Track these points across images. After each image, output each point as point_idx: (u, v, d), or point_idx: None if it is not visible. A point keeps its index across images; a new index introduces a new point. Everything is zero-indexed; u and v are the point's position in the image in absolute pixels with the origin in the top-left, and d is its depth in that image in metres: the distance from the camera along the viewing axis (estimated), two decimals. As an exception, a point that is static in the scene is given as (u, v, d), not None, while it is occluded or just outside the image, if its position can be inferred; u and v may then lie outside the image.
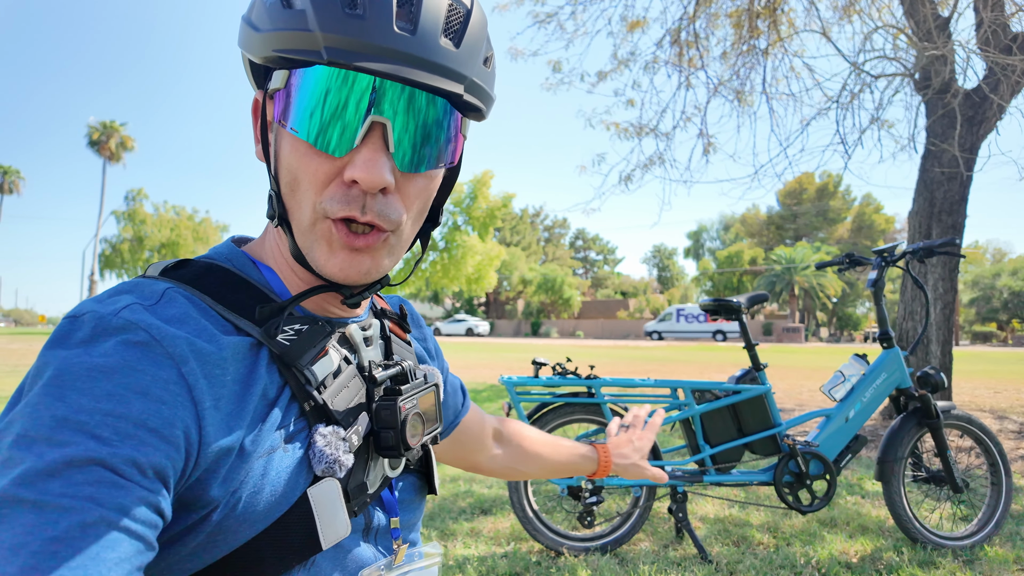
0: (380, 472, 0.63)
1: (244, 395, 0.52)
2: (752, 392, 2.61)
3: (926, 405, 2.61)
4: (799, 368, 13.35)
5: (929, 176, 5.54)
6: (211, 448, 0.48)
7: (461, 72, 0.53)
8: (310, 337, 0.57)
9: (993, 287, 41.50)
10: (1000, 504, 2.69)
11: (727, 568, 2.42)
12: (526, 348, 23.06)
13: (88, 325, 0.48)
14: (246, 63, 0.60)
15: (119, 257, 41.23)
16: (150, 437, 0.44)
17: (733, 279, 51.74)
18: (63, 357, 0.46)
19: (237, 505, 0.51)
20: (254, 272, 0.61)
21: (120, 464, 0.42)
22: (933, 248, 2.67)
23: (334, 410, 0.57)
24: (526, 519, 2.60)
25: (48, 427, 0.42)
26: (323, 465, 0.55)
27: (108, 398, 0.44)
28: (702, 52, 7.07)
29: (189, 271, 0.58)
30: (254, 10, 0.55)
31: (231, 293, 0.57)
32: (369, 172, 0.51)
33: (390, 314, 0.74)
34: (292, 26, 0.50)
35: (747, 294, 2.80)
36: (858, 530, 2.86)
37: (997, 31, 5.12)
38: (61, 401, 0.43)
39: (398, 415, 0.60)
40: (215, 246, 0.65)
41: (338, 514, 0.56)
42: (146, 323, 0.48)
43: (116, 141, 47.85)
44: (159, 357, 0.47)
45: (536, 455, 0.98)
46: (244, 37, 0.56)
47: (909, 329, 5.42)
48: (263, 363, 0.54)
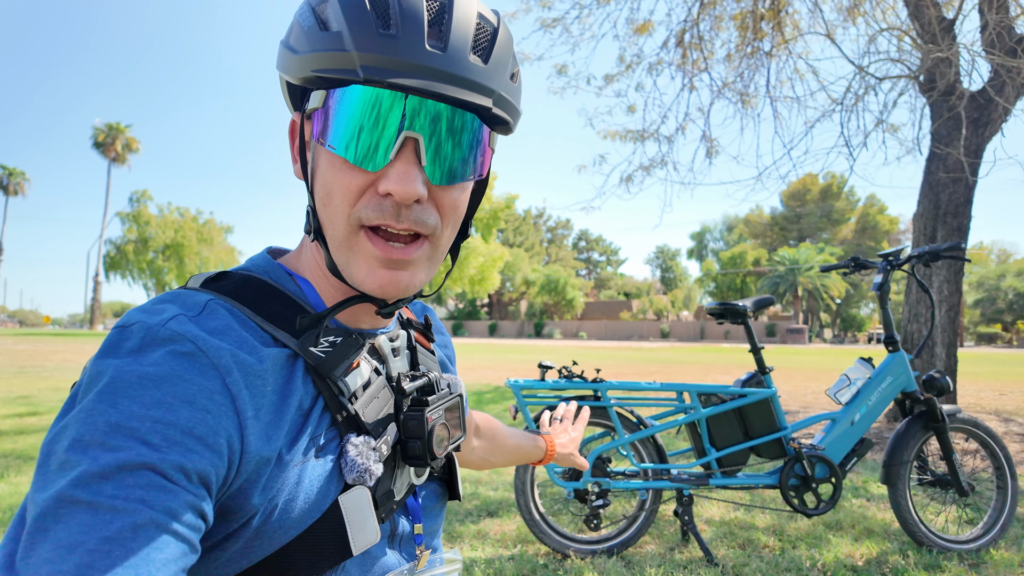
0: (406, 480, 0.65)
1: (282, 406, 0.54)
2: (758, 396, 2.62)
3: (931, 408, 2.62)
4: (803, 369, 13.33)
5: (934, 179, 5.54)
6: (252, 457, 0.50)
7: (490, 87, 0.55)
8: (344, 349, 0.59)
9: (998, 288, 41.33)
10: (1006, 507, 2.70)
11: (733, 571, 2.43)
12: (529, 349, 23.06)
13: (137, 335, 0.50)
14: (283, 85, 0.63)
15: (123, 259, 41.41)
16: (196, 444, 0.46)
17: (736, 280, 51.65)
18: (115, 366, 0.48)
19: (274, 512, 0.53)
20: (290, 284, 0.63)
21: (169, 469, 0.44)
22: (939, 252, 2.68)
23: (365, 420, 0.59)
24: (533, 522, 2.61)
25: (102, 432, 0.44)
26: (354, 474, 0.57)
27: (157, 406, 0.46)
28: (706, 54, 7.07)
29: (228, 283, 0.60)
30: (292, 34, 0.57)
31: (268, 305, 0.59)
32: (403, 184, 0.53)
33: (415, 324, 0.76)
34: (329, 47, 0.53)
35: (753, 298, 2.81)
36: (863, 533, 2.86)
37: (1002, 33, 5.12)
38: (114, 408, 0.45)
39: (425, 425, 0.61)
40: (252, 257, 0.66)
41: (368, 521, 0.57)
42: (192, 334, 0.51)
43: (121, 143, 48.07)
44: (205, 368, 0.49)
45: (504, 446, 1.01)
46: (283, 60, 0.58)
47: (914, 331, 5.41)
48: (299, 374, 0.56)
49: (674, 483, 2.58)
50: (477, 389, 8.70)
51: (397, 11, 0.52)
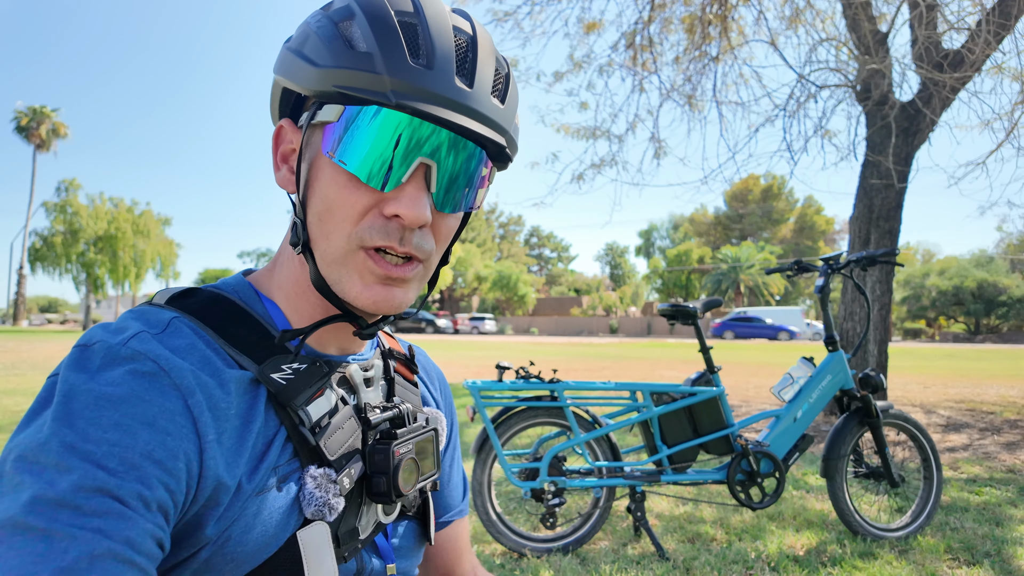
0: (373, 518, 0.62)
1: (244, 432, 0.52)
2: (706, 394, 2.71)
3: (867, 405, 2.77)
4: (745, 365, 13.82)
5: (868, 184, 5.83)
6: (210, 482, 0.49)
7: (504, 127, 0.58)
8: (307, 377, 0.58)
9: (923, 286, 43.89)
10: (931, 497, 2.88)
11: (683, 565, 2.51)
12: (481, 345, 23.07)
13: (98, 354, 0.49)
14: (277, 91, 0.61)
15: (51, 251, 39.11)
16: (155, 469, 0.44)
17: (682, 277, 53.06)
18: (72, 384, 0.46)
19: (227, 543, 0.51)
20: (257, 305, 0.61)
21: (127, 495, 0.42)
22: (875, 257, 2.83)
23: (328, 453, 0.57)
24: (489, 522, 2.62)
25: (57, 453, 0.42)
26: (312, 508, 0.55)
27: (116, 428, 0.44)
28: (655, 56, 7.22)
29: (195, 301, 0.58)
30: (307, 44, 0.56)
31: (232, 326, 0.57)
32: (414, 209, 0.54)
33: (397, 354, 0.74)
34: (358, 66, 0.53)
35: (702, 299, 2.90)
36: (804, 524, 3.00)
37: (930, 48, 5.43)
38: (71, 428, 0.43)
39: (391, 460, 0.59)
40: (225, 277, 0.65)
41: (325, 560, 0.55)
42: (154, 353, 0.49)
43: (47, 128, 45.27)
44: (166, 388, 0.48)
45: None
46: (291, 67, 0.57)
47: (849, 329, 5.70)
48: (262, 400, 0.55)
49: (628, 480, 2.64)
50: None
51: (428, 43, 0.54)
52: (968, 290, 41.07)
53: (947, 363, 15.35)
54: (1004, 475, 3.96)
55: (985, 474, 3.98)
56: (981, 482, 3.77)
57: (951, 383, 9.88)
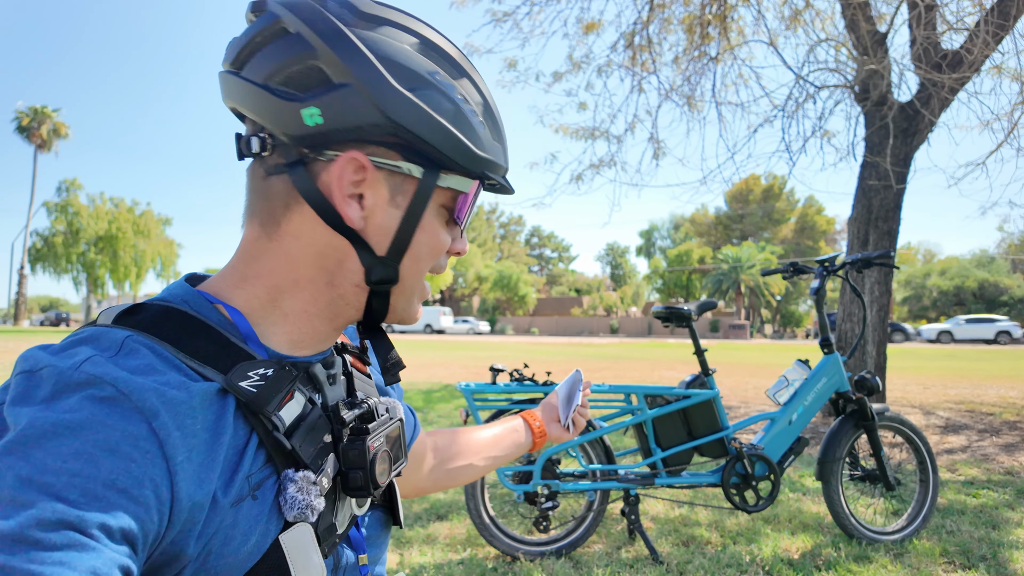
0: (348, 512, 0.63)
1: (214, 444, 0.51)
2: (701, 397, 2.69)
3: (863, 408, 2.75)
4: (745, 365, 13.81)
5: (867, 185, 5.82)
6: (184, 504, 0.47)
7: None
8: (276, 382, 0.56)
9: (923, 286, 43.89)
10: (928, 499, 2.87)
11: (677, 568, 2.50)
12: (481, 345, 23.06)
13: (48, 382, 0.46)
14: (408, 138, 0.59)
15: (52, 251, 39.16)
16: (119, 498, 0.43)
17: (682, 277, 53.04)
18: (25, 415, 0.44)
19: (208, 558, 0.50)
20: (213, 313, 0.59)
21: (89, 526, 0.40)
22: (870, 260, 2.81)
23: (302, 454, 0.56)
24: (482, 525, 2.61)
25: (12, 487, 0.40)
26: (295, 511, 0.54)
27: (75, 457, 0.42)
28: (654, 57, 7.21)
29: (145, 316, 0.56)
30: (474, 121, 0.62)
31: (191, 339, 0.55)
32: (466, 246, 0.70)
33: (350, 348, 0.73)
34: (496, 157, 0.64)
35: (697, 301, 2.88)
36: (799, 527, 2.99)
37: (929, 49, 5.41)
38: (25, 460, 0.41)
39: (367, 455, 0.60)
40: (168, 286, 0.63)
41: (312, 558, 0.55)
42: (112, 376, 0.47)
43: (48, 128, 45.33)
44: (128, 412, 0.46)
45: (472, 445, 0.98)
46: (450, 141, 0.59)
47: (847, 330, 5.68)
48: (230, 410, 0.53)
49: (622, 483, 2.63)
50: (427, 387, 8.64)
51: (500, 122, 0.66)
52: (969, 290, 41.05)
53: (947, 363, 15.33)
54: (1002, 477, 3.95)
55: (983, 476, 3.96)
56: (979, 484, 3.75)
57: (950, 384, 9.86)
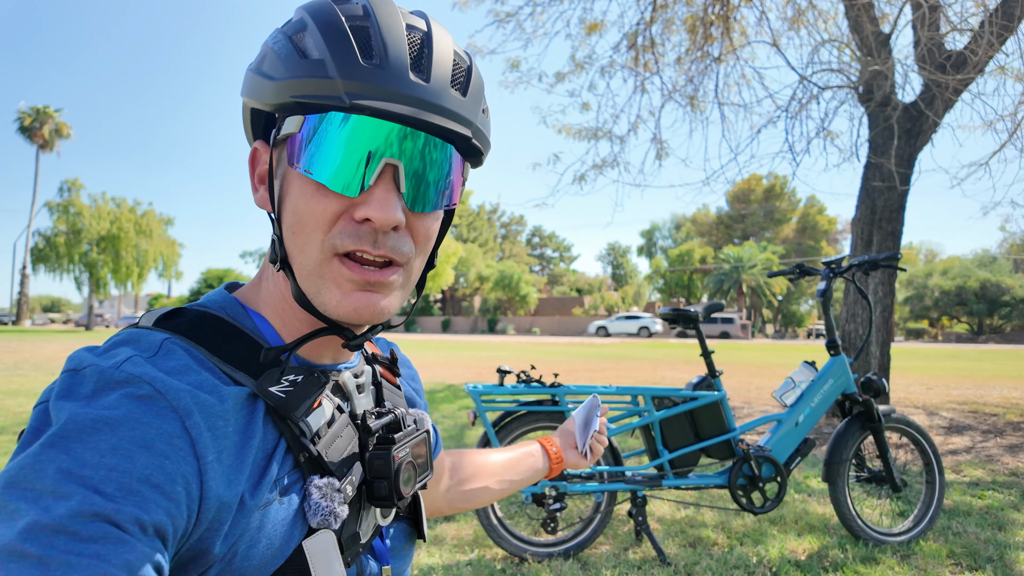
0: (372, 521, 0.63)
1: (244, 447, 0.52)
2: (708, 399, 2.70)
3: (869, 409, 2.76)
4: (747, 365, 13.80)
5: (871, 186, 5.82)
6: (212, 503, 0.48)
7: (469, 118, 0.58)
8: (305, 388, 0.58)
9: (925, 286, 43.83)
10: (934, 501, 2.87)
11: (685, 570, 2.51)
12: (483, 345, 23.07)
13: (91, 380, 0.48)
14: (247, 113, 0.61)
15: (54, 251, 39.21)
16: (153, 493, 0.44)
17: (684, 277, 52.99)
18: (67, 409, 0.46)
19: (233, 559, 0.51)
20: (247, 320, 0.61)
21: (124, 520, 0.42)
22: (877, 262, 2.82)
23: (328, 461, 0.57)
24: (490, 526, 2.62)
25: (53, 479, 0.42)
26: (319, 517, 0.55)
27: (112, 452, 0.44)
28: (657, 57, 7.21)
29: (183, 320, 0.58)
30: (265, 61, 0.57)
31: (225, 343, 0.57)
32: (383, 211, 0.54)
33: (380, 359, 0.74)
34: (311, 74, 0.53)
35: (704, 304, 2.89)
36: (805, 528, 3.00)
37: (933, 50, 5.41)
38: (66, 454, 0.43)
39: (392, 464, 0.60)
40: (209, 293, 0.64)
41: (334, 566, 0.56)
42: (149, 376, 0.49)
43: (50, 128, 45.40)
44: (163, 410, 0.48)
45: (487, 487, 0.94)
46: (253, 87, 0.57)
47: (851, 331, 5.68)
48: (260, 415, 0.55)
49: (629, 485, 2.63)
50: (430, 388, 8.64)
51: (380, 43, 0.54)
52: (971, 290, 40.99)
53: (950, 364, 15.31)
54: (1007, 478, 3.95)
55: (988, 478, 3.97)
56: (984, 486, 3.76)
57: (954, 384, 9.85)
